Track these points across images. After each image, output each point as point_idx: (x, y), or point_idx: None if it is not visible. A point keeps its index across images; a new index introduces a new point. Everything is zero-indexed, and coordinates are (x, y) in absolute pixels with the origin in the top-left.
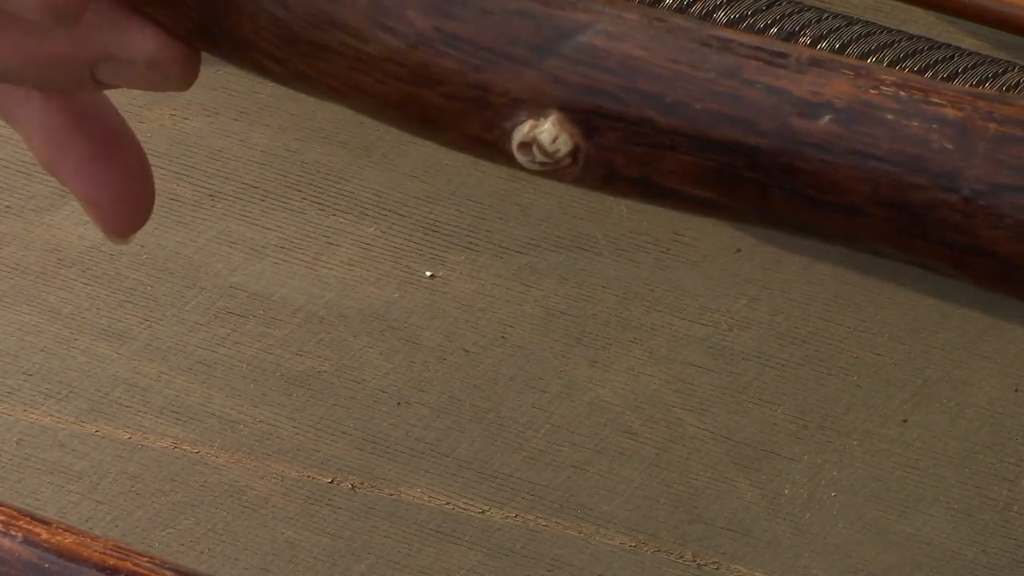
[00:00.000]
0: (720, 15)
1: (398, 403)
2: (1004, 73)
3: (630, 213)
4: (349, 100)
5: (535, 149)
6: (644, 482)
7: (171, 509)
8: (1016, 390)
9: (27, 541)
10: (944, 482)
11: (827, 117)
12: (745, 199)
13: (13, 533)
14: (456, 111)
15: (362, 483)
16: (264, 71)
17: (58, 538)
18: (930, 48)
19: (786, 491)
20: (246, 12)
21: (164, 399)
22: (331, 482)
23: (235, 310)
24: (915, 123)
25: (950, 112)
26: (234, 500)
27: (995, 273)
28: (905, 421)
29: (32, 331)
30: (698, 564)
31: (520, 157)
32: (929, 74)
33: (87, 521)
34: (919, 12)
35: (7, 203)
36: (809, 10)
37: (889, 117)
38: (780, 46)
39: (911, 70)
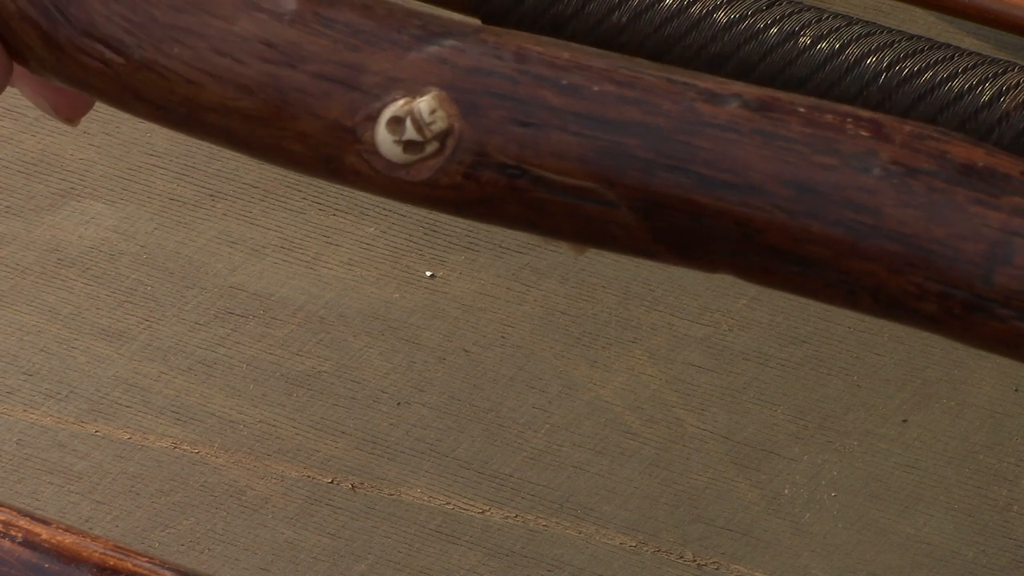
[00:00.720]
0: (720, 15)
1: (398, 403)
2: (1004, 73)
3: None
4: (196, 91)
5: (408, 123)
6: (644, 482)
7: (171, 509)
8: (1016, 390)
9: (27, 541)
10: (944, 482)
11: (735, 104)
12: (629, 183)
13: (13, 533)
14: (319, 92)
15: (362, 483)
16: (96, 69)
17: (58, 538)
18: (930, 48)
19: (786, 491)
20: None
21: (164, 399)
22: (331, 482)
23: (235, 310)
24: (828, 116)
25: (864, 112)
26: (234, 500)
27: (896, 257)
28: (905, 421)
29: (32, 331)
30: (698, 564)
31: (385, 138)
32: (929, 74)
33: (87, 521)
34: (919, 12)
35: (7, 203)
36: (809, 10)
37: (801, 110)
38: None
39: (911, 70)
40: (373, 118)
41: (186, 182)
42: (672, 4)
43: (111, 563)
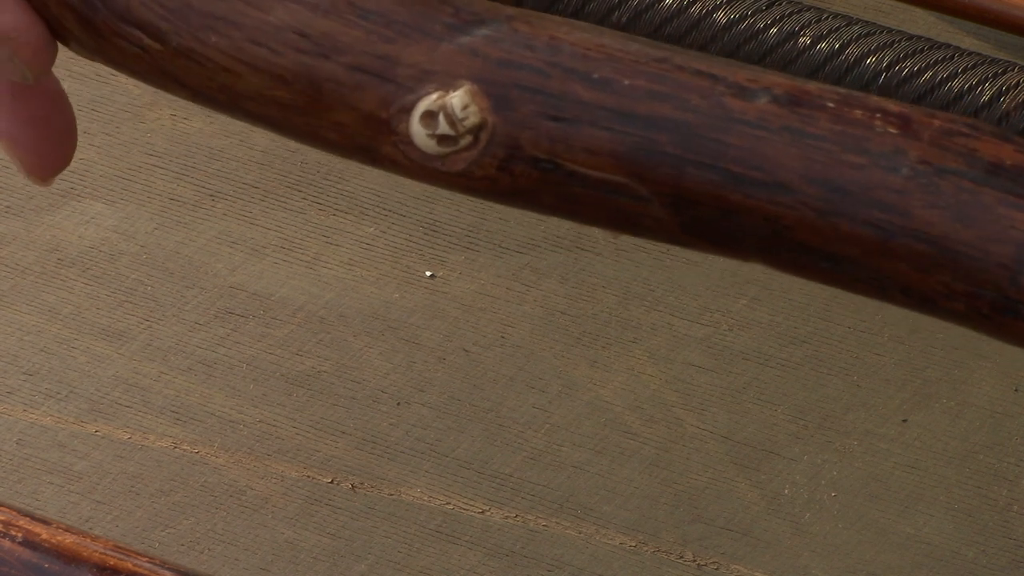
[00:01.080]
0: (720, 15)
1: (398, 403)
2: (1004, 73)
3: None
4: (233, 79)
5: (441, 118)
6: (644, 482)
7: (171, 509)
8: (1016, 390)
9: (27, 541)
10: (944, 482)
11: (764, 99)
12: (659, 179)
13: (13, 533)
14: (354, 84)
15: (362, 483)
16: (134, 54)
17: (58, 538)
18: (930, 48)
19: (786, 491)
20: None
21: (164, 399)
22: (331, 482)
23: (235, 310)
24: (857, 112)
25: (893, 106)
26: (234, 500)
27: (923, 257)
28: (905, 421)
29: (32, 331)
30: (698, 564)
31: (419, 131)
32: (929, 74)
33: (87, 521)
34: (919, 12)
35: (7, 203)
36: (809, 10)
37: (830, 105)
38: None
39: (911, 70)
40: (407, 111)
41: (186, 182)
42: (672, 4)
43: (111, 563)
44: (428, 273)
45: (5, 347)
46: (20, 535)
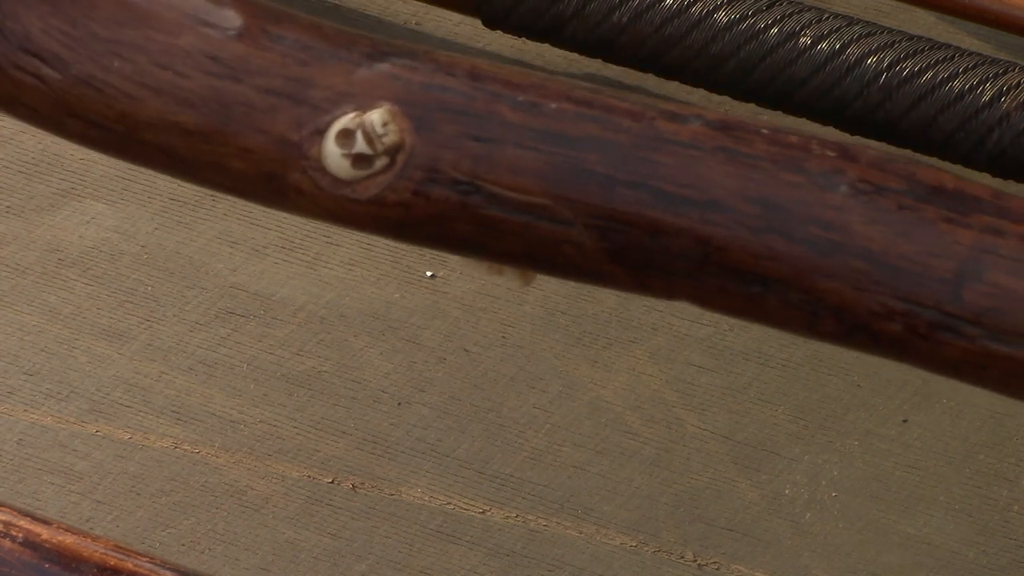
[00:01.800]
0: (720, 15)
1: (398, 403)
2: (1004, 73)
3: None
4: (135, 106)
5: (359, 135)
6: (644, 482)
7: (171, 509)
8: None
9: (28, 541)
10: (944, 482)
11: (697, 123)
12: (586, 199)
13: (13, 533)
14: (266, 106)
15: (362, 483)
16: (30, 85)
17: (59, 538)
18: (930, 48)
19: (786, 491)
20: (36, 11)
21: (165, 399)
22: (331, 482)
23: (236, 310)
24: (793, 137)
25: (829, 137)
26: (234, 500)
27: (861, 275)
28: (905, 421)
29: (32, 331)
30: (698, 564)
31: (333, 151)
32: (930, 74)
33: (88, 521)
34: (919, 12)
35: (7, 203)
36: (809, 10)
37: (764, 131)
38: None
39: (911, 70)
40: (321, 132)
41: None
42: (673, 4)
43: (112, 563)
44: (428, 273)
45: (5, 347)
46: (21, 535)
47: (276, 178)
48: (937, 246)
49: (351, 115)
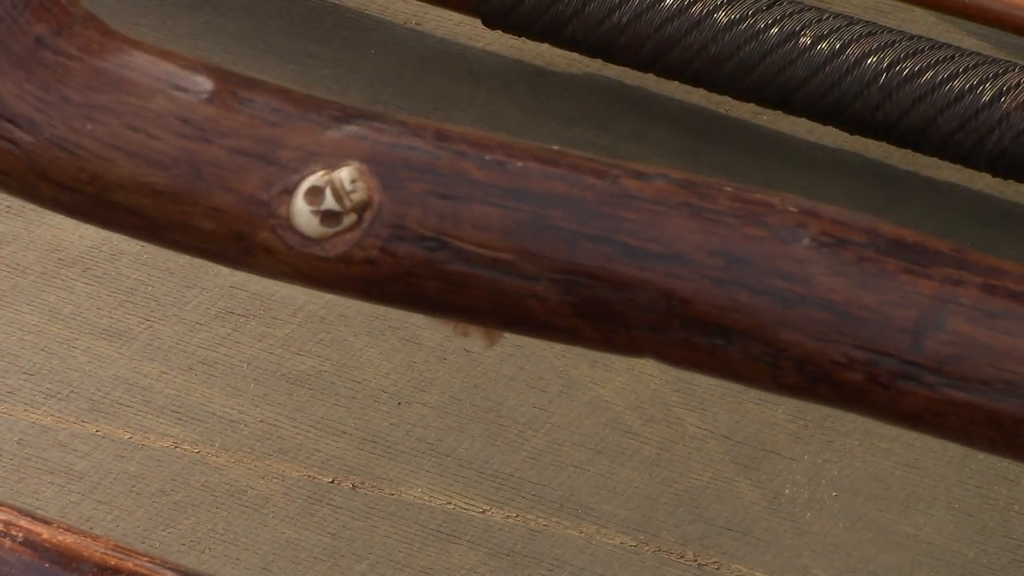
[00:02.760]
0: (720, 15)
1: (398, 403)
2: (1004, 73)
3: None
4: (106, 167)
5: (328, 192)
6: (644, 482)
7: (172, 509)
8: None
9: (28, 541)
10: (944, 482)
11: (661, 181)
12: (551, 254)
13: (14, 533)
14: (235, 166)
15: (362, 483)
16: (2, 149)
17: (59, 538)
18: (930, 48)
19: (786, 491)
20: (11, 77)
21: (165, 399)
22: (331, 482)
23: (236, 310)
24: (756, 195)
25: (790, 195)
26: (234, 500)
27: (823, 325)
28: None
29: (32, 331)
30: (698, 564)
31: (302, 208)
32: (930, 74)
33: (88, 521)
34: (919, 12)
35: (7, 203)
36: (810, 10)
37: (727, 189)
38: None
39: (911, 70)
40: (290, 191)
41: None
42: (672, 4)
43: (112, 563)
44: None
45: (5, 347)
46: (21, 535)
47: (245, 237)
48: (898, 296)
49: (320, 173)
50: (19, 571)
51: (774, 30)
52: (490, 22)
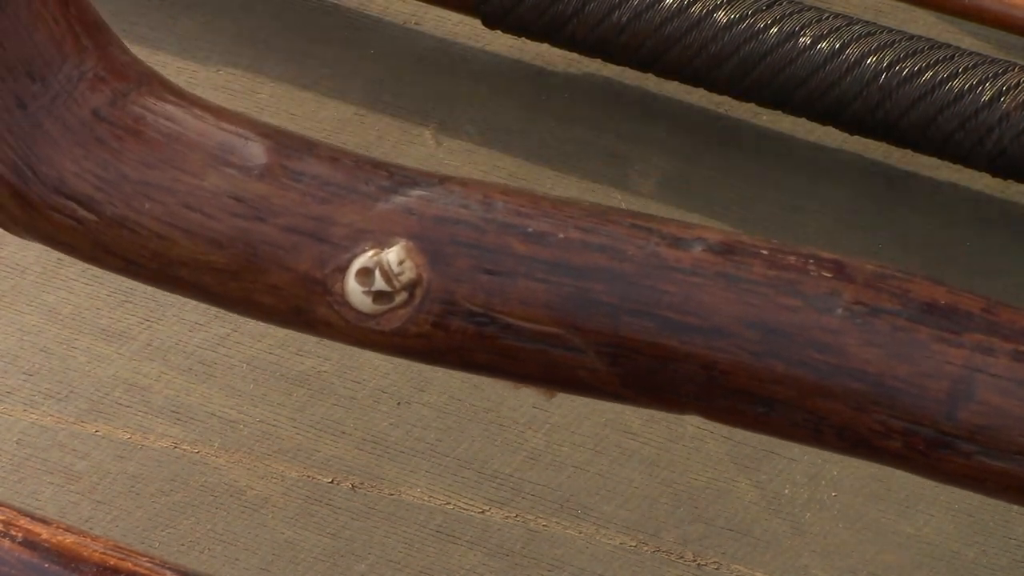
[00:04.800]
0: (720, 15)
1: (398, 403)
2: (1004, 73)
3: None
4: (167, 246)
5: (377, 274)
6: (644, 482)
7: (171, 509)
8: None
9: (27, 541)
10: None
11: (699, 248)
12: (595, 328)
13: (13, 533)
14: (289, 245)
15: (362, 483)
16: (68, 226)
17: (58, 538)
18: (930, 48)
19: (786, 491)
20: (69, 155)
21: (164, 399)
22: (331, 482)
23: None
24: (791, 258)
25: (825, 253)
26: (234, 500)
27: (859, 395)
28: None
29: (32, 331)
30: (698, 564)
31: (354, 288)
32: (929, 74)
33: (87, 521)
34: (919, 12)
35: None
36: (809, 10)
37: (763, 252)
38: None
39: (911, 70)
40: (343, 269)
41: None
42: (672, 4)
43: (111, 563)
44: None
45: (5, 347)
46: (20, 535)
47: (304, 312)
48: (930, 366)
49: (369, 253)
50: (18, 571)
51: (774, 30)
52: (490, 22)
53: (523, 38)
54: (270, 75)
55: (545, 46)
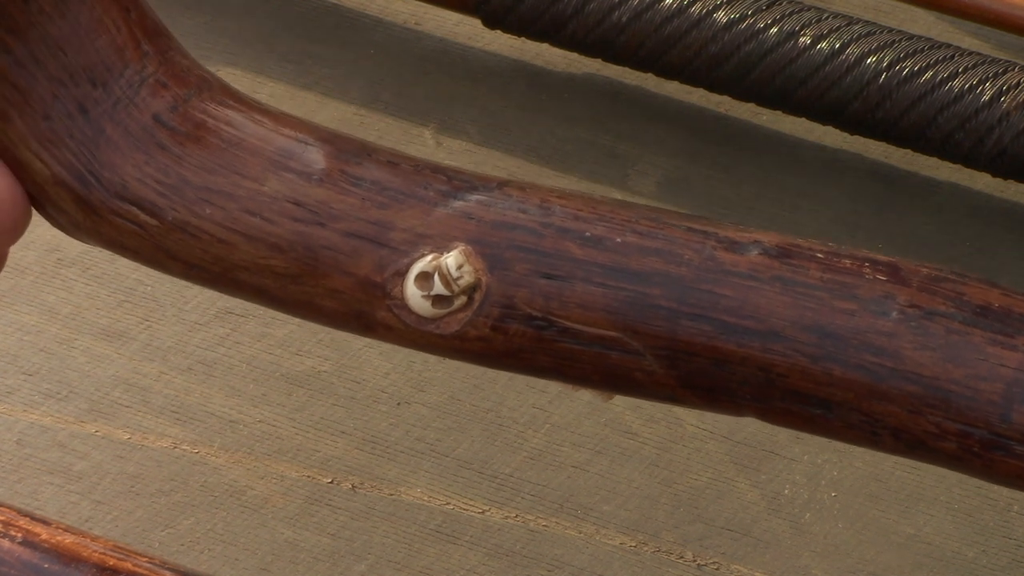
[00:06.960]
0: (720, 15)
1: (398, 403)
2: (1004, 73)
3: None
4: (228, 250)
5: (436, 278)
6: (644, 482)
7: (171, 509)
8: None
9: (27, 541)
10: (944, 482)
11: (755, 251)
12: (653, 332)
13: (13, 533)
14: (350, 249)
15: (362, 483)
16: (130, 231)
17: (58, 538)
18: (930, 48)
19: (786, 491)
20: (131, 160)
21: (164, 399)
22: (331, 482)
23: (235, 310)
24: (846, 261)
25: (881, 256)
26: (234, 500)
27: (915, 398)
28: None
29: (32, 331)
30: (698, 564)
31: (414, 293)
32: (929, 74)
33: (87, 521)
34: (919, 12)
35: None
36: (809, 10)
37: (819, 256)
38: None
39: (911, 70)
40: (402, 274)
41: None
42: (672, 4)
43: (111, 563)
44: None
45: (5, 347)
46: (20, 535)
47: (365, 316)
48: (985, 369)
49: (428, 258)
50: (18, 571)
51: (774, 30)
52: (490, 22)
53: (523, 38)
54: (270, 75)
55: (545, 46)
